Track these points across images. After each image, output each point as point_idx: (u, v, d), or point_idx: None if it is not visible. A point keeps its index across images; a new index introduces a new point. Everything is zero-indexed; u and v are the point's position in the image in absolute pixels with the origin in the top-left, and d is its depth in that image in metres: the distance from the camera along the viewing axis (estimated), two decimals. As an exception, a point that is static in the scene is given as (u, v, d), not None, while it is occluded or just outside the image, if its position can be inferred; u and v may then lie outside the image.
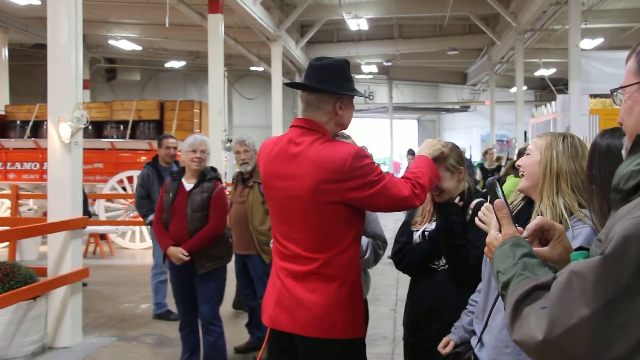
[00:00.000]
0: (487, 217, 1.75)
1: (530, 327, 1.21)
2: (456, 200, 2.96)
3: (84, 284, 7.78)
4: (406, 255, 3.00)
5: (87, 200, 8.70)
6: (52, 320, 5.75)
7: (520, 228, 1.60)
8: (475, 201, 2.91)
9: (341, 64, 2.61)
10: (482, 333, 2.31)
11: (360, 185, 2.44)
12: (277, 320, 2.60)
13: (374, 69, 24.25)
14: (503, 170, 10.40)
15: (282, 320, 2.57)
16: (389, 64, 23.92)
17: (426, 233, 2.96)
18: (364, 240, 3.19)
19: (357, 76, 26.59)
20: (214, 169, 4.74)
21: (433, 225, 2.96)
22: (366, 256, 3.23)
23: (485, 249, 1.64)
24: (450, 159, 2.92)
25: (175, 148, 6.58)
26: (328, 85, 2.55)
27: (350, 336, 2.55)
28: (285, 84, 3.04)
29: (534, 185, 2.25)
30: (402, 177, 2.59)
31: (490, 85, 22.54)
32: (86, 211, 8.33)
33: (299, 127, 2.60)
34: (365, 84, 28.33)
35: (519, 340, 1.25)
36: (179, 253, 4.43)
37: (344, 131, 3.34)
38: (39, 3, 12.93)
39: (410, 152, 16.26)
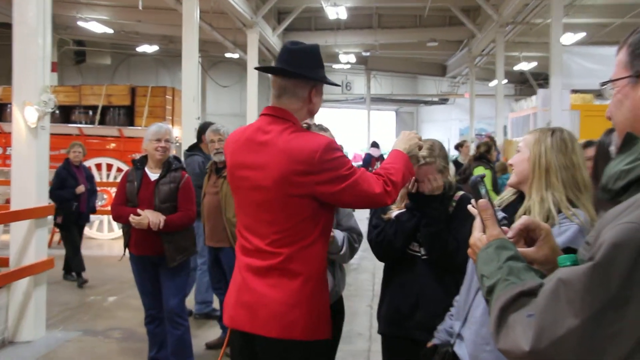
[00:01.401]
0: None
1: (517, 336, 1.17)
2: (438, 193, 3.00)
3: (85, 281, 7.56)
4: (386, 235, 2.97)
5: (96, 193, 8.39)
6: (13, 314, 5.54)
7: (505, 228, 1.56)
8: (459, 193, 2.98)
9: (316, 50, 2.54)
10: (461, 327, 2.32)
11: (330, 179, 2.33)
12: (237, 320, 2.47)
13: (352, 58, 24.10)
14: (466, 161, 10.28)
15: (242, 320, 2.45)
16: (368, 54, 23.76)
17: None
18: (340, 234, 3.14)
19: (335, 66, 26.42)
20: (177, 159, 4.65)
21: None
22: (342, 251, 3.14)
23: (469, 250, 1.60)
24: (438, 160, 2.95)
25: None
26: (305, 71, 2.47)
27: (312, 337, 2.41)
28: (258, 68, 2.90)
29: (523, 181, 2.26)
30: (373, 173, 2.47)
31: (470, 78, 22.53)
32: (92, 207, 8.12)
33: (268, 115, 2.48)
34: (343, 74, 28.20)
35: (504, 349, 1.21)
36: (160, 216, 4.26)
37: (322, 124, 3.22)
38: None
39: (374, 145, 16.18)
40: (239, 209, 2.56)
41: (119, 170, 10.85)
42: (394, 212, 3.01)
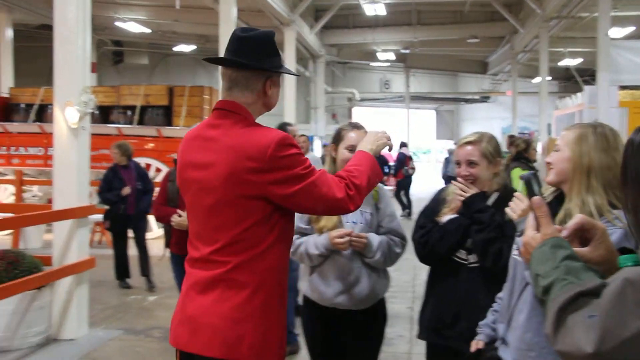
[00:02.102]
0: (518, 206, 1.75)
1: (577, 338, 1.14)
2: (493, 197, 2.82)
3: (127, 287, 7.49)
4: (430, 239, 2.86)
5: (150, 193, 8.03)
6: (57, 312, 5.59)
7: (558, 227, 1.52)
8: None
9: (269, 36, 2.26)
10: (505, 332, 2.23)
11: (284, 179, 2.08)
12: (179, 339, 2.19)
13: (390, 56, 23.94)
14: (504, 161, 9.91)
15: (183, 338, 2.17)
16: (407, 51, 23.57)
17: None
18: (375, 238, 3.01)
19: (373, 64, 26.32)
20: None
21: None
22: (376, 258, 3.01)
23: (522, 249, 1.57)
24: (486, 144, 2.79)
25: (294, 136, 6.18)
26: (258, 61, 2.20)
27: (262, 359, 2.13)
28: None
29: (564, 180, 2.14)
30: (335, 175, 2.23)
31: (512, 75, 22.18)
32: (144, 209, 7.78)
33: (219, 109, 2.24)
34: (381, 72, 28.05)
35: (563, 351, 1.18)
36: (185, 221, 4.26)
37: (358, 122, 3.10)
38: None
39: (404, 145, 15.98)
40: (189, 215, 2.31)
41: (158, 170, 10.92)
42: (447, 215, 2.87)
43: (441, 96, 30.40)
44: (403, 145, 16.08)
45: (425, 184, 20.02)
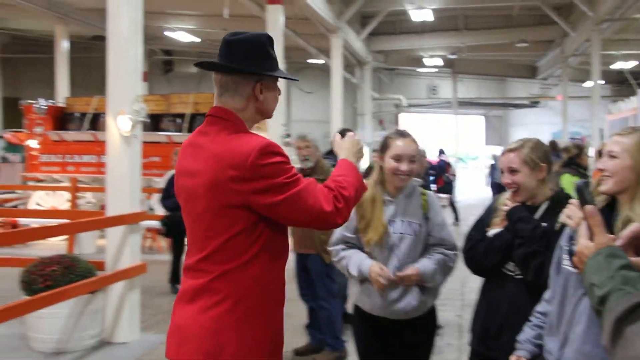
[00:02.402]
0: (574, 213, 1.69)
1: (637, 349, 1.12)
2: (543, 207, 2.74)
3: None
4: (475, 253, 2.81)
5: None
6: (110, 315, 5.71)
7: (612, 236, 1.48)
8: None
9: (260, 39, 2.18)
10: (560, 346, 2.14)
11: (266, 188, 2.00)
12: (169, 349, 2.15)
13: (437, 62, 23.76)
14: (555, 167, 9.63)
15: (172, 349, 2.13)
16: (454, 56, 23.36)
17: None
18: (430, 266, 2.96)
19: (420, 69, 26.15)
20: None
21: None
22: (434, 283, 3.01)
23: (575, 258, 1.54)
24: (528, 151, 2.71)
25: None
26: (246, 64, 2.14)
27: None
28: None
29: (624, 190, 2.06)
30: (324, 186, 2.13)
31: (563, 79, 21.73)
32: None
33: (210, 115, 2.19)
34: (429, 77, 27.85)
35: None
36: None
37: (404, 129, 3.08)
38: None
39: (442, 152, 15.78)
40: (184, 223, 2.25)
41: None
42: (494, 229, 2.82)
43: (489, 101, 29.96)
44: (441, 152, 15.94)
45: (473, 190, 19.77)
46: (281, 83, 8.19)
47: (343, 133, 6.15)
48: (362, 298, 3.10)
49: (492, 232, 2.82)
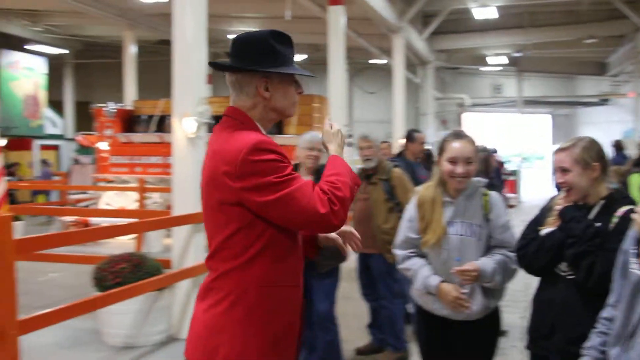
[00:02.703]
0: None
1: None
2: (598, 206, 2.69)
3: None
4: (527, 253, 2.79)
5: None
6: (176, 312, 5.85)
7: None
8: (623, 209, 2.59)
9: (264, 36, 2.12)
10: (622, 351, 2.12)
11: (257, 186, 1.95)
12: (185, 350, 2.17)
13: (502, 60, 23.30)
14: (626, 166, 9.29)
15: (187, 349, 2.15)
16: (519, 54, 22.84)
17: None
18: (490, 265, 2.93)
19: (483, 68, 25.69)
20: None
21: None
22: (493, 283, 2.98)
23: None
24: (580, 150, 2.66)
25: (424, 143, 6.22)
26: (244, 62, 2.09)
27: None
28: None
29: None
30: (317, 186, 2.06)
31: (635, 75, 20.91)
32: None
33: (224, 115, 2.19)
34: (492, 76, 27.33)
35: None
36: None
37: (461, 130, 3.06)
38: (165, 0, 13.42)
39: (494, 151, 15.38)
40: None
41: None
42: (547, 228, 2.78)
43: (556, 100, 29.13)
44: (494, 151, 15.60)
45: (539, 190, 19.30)
46: (342, 84, 8.19)
47: (411, 134, 6.12)
48: (425, 298, 3.10)
49: (544, 231, 2.78)
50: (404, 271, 3.18)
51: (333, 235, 2.30)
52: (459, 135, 3.08)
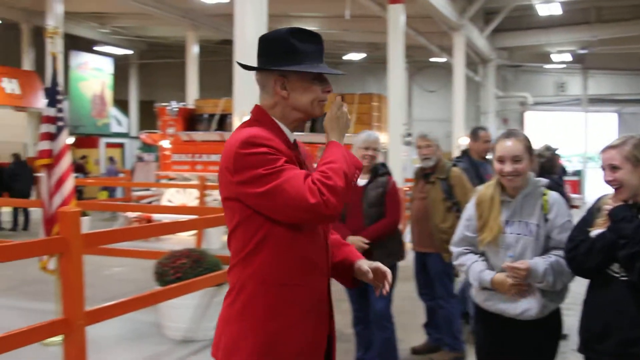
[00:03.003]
0: None
1: None
2: None
3: None
4: (577, 254, 2.73)
5: None
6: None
7: None
8: None
9: (283, 34, 2.10)
10: None
11: (249, 179, 1.95)
12: None
13: (566, 57, 22.69)
14: None
15: None
16: (584, 51, 22.19)
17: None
18: (541, 264, 2.88)
19: (547, 66, 25.08)
20: (384, 165, 4.73)
21: None
22: (544, 283, 2.92)
23: None
24: (631, 147, 2.62)
25: (489, 141, 6.17)
26: (265, 62, 2.09)
27: None
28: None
29: None
30: (310, 177, 2.00)
31: None
32: None
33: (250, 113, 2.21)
34: (556, 74, 26.63)
35: None
36: (359, 242, 4.38)
37: (515, 129, 3.03)
38: (227, 0, 13.63)
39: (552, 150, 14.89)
40: None
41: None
42: (597, 229, 2.71)
43: (624, 98, 28.15)
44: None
45: (603, 190, 18.72)
46: (402, 82, 8.18)
47: (474, 132, 6.04)
48: (483, 297, 3.09)
49: (594, 232, 2.72)
50: (459, 267, 3.20)
51: (365, 267, 2.23)
52: (509, 134, 3.06)
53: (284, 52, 2.07)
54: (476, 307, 3.20)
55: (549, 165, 5.45)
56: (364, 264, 2.24)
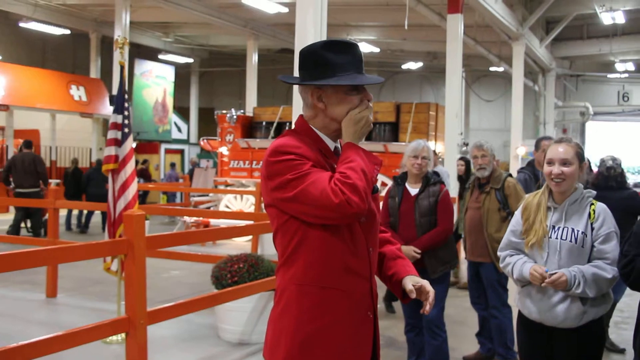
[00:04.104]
0: None
1: None
2: None
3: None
4: (634, 268, 2.70)
5: None
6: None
7: None
8: None
9: (315, 48, 2.15)
10: None
11: (280, 185, 2.05)
12: None
13: (630, 66, 22.04)
14: None
15: None
16: (649, 60, 21.53)
17: None
18: (578, 273, 2.89)
19: (610, 75, 24.44)
20: (436, 173, 4.74)
21: None
22: (573, 290, 2.91)
23: None
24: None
25: (543, 151, 6.16)
26: (302, 75, 2.16)
27: None
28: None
29: None
30: (332, 178, 2.05)
31: None
32: None
33: None
34: (619, 83, 25.90)
35: None
36: (411, 251, 4.41)
37: (568, 137, 3.05)
38: (287, 10, 13.84)
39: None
40: None
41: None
42: None
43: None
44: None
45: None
46: (459, 92, 8.17)
47: (538, 142, 5.99)
48: (524, 303, 3.13)
49: None
50: (505, 268, 3.20)
51: (409, 287, 2.22)
52: (561, 139, 3.10)
53: (318, 65, 2.13)
54: (518, 313, 3.22)
55: (618, 176, 5.36)
56: (409, 283, 2.25)
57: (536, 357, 3.14)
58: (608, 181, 5.36)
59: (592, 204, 3.06)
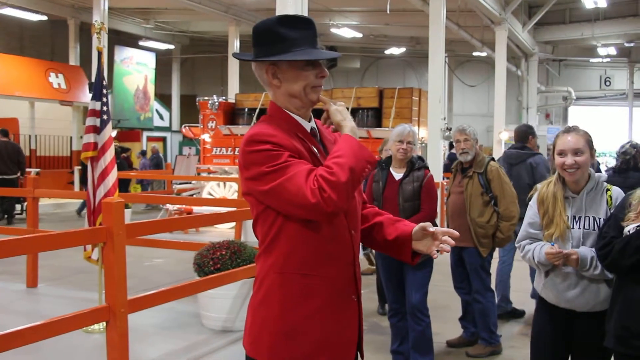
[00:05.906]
0: None
1: None
2: None
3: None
4: (611, 251, 2.70)
5: None
6: (271, 299, 5.99)
7: None
8: None
9: (269, 23, 2.07)
10: None
11: (255, 176, 1.97)
12: None
13: (611, 51, 22.17)
14: None
15: None
16: (631, 44, 21.64)
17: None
18: (588, 253, 2.90)
19: (592, 60, 24.58)
20: (421, 158, 4.73)
21: None
22: (590, 273, 2.92)
23: None
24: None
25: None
26: (256, 52, 2.08)
27: (251, 354, 2.09)
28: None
29: None
30: (314, 172, 1.95)
31: None
32: None
33: None
34: (601, 68, 26.06)
35: None
36: None
37: (575, 125, 3.03)
38: (268, -5, 13.74)
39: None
40: None
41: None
42: (632, 224, 2.69)
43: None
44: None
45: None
46: (442, 77, 8.14)
47: (527, 131, 6.03)
48: (547, 290, 3.12)
49: (627, 228, 2.70)
50: (525, 256, 3.17)
51: (431, 228, 2.12)
52: (569, 129, 3.07)
53: (272, 41, 2.05)
54: (539, 298, 3.21)
55: (633, 162, 5.40)
56: (429, 226, 2.13)
57: (557, 344, 3.13)
58: (628, 164, 5.40)
59: (608, 189, 3.06)
